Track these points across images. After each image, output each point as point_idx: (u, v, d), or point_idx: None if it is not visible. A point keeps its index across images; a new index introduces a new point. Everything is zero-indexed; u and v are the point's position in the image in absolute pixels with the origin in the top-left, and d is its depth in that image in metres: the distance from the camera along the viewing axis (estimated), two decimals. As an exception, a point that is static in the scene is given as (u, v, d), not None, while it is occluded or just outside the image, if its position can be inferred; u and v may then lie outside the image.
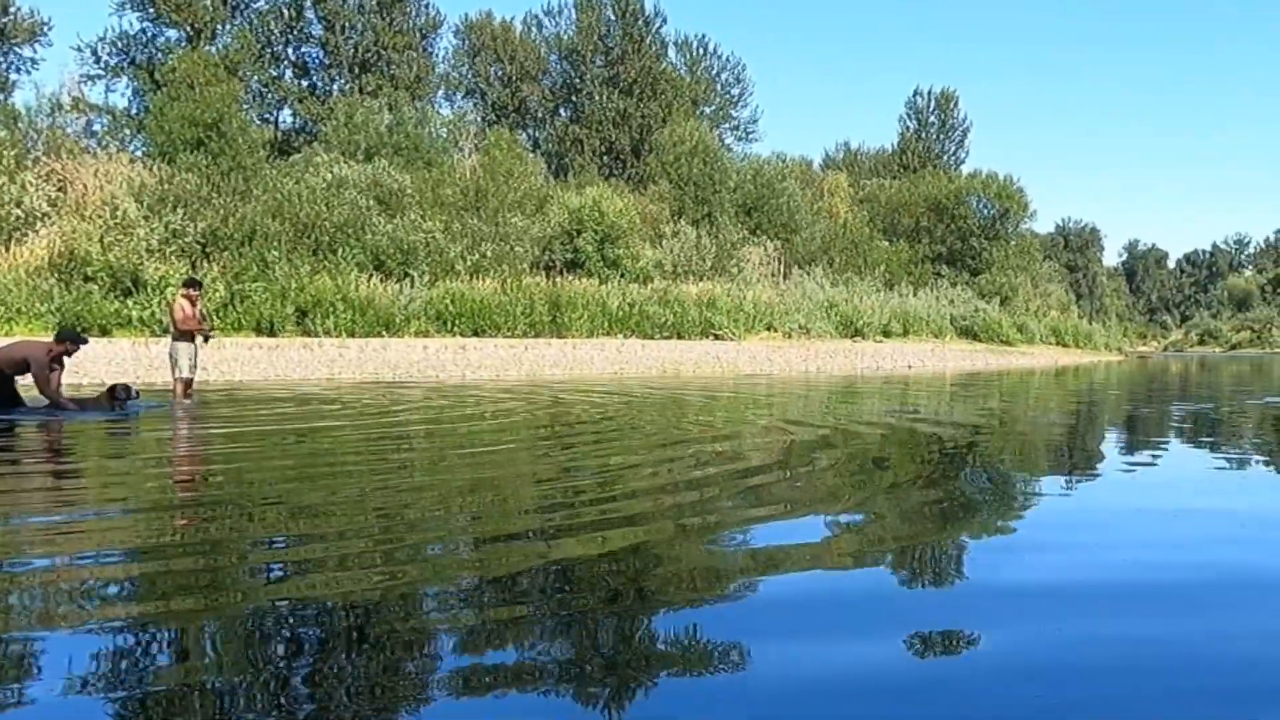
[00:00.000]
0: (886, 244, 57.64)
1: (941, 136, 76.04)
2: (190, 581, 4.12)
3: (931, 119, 76.30)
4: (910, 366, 33.12)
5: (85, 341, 13.65)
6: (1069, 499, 6.71)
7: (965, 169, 71.85)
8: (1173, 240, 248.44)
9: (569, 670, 3.16)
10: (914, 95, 76.98)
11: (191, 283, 15.88)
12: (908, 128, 77.30)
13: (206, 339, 15.79)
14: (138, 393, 13.81)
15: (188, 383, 14.93)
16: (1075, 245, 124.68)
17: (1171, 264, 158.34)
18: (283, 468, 7.77)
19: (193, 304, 15.22)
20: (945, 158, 75.21)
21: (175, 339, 14.97)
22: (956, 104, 76.32)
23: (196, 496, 6.50)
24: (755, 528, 5.35)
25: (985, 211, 61.26)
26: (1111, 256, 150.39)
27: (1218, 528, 5.71)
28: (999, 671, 3.25)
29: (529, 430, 10.76)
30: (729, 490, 6.52)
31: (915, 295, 50.81)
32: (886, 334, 45.44)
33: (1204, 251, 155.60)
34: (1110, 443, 10.98)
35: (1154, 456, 9.52)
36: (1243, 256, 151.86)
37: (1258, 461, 9.28)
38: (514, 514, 5.78)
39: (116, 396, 13.22)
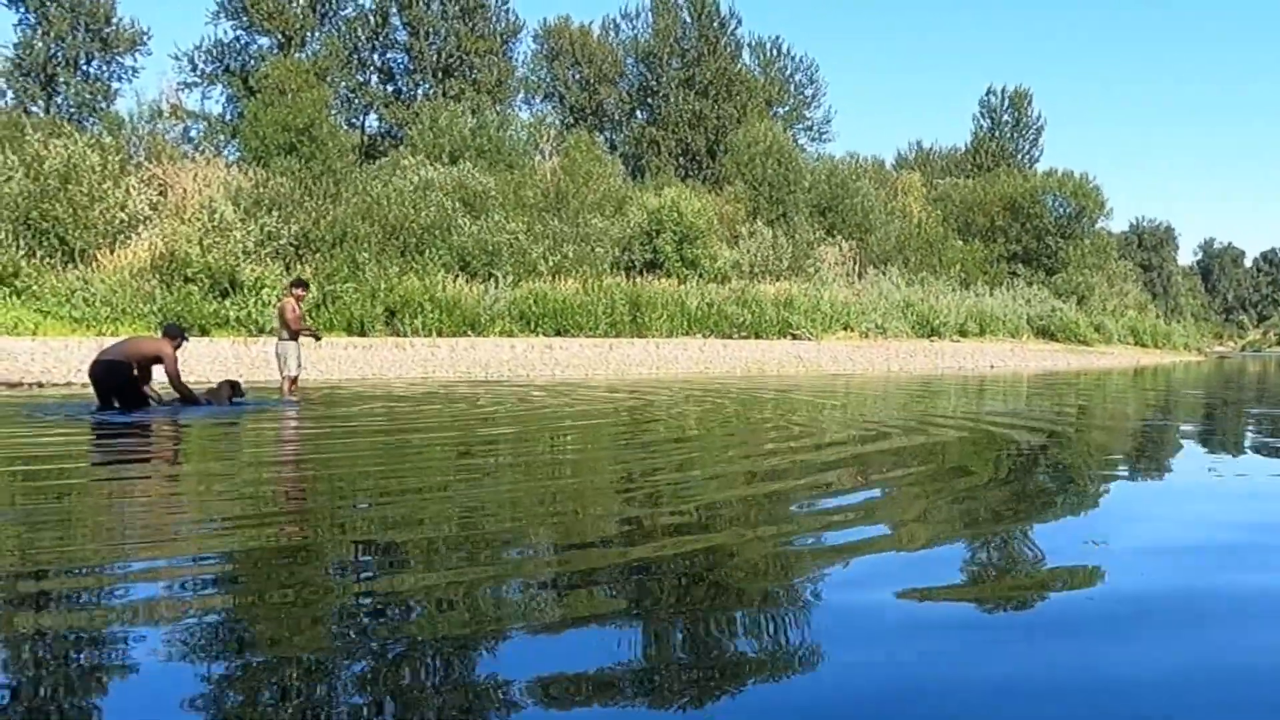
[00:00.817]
0: (961, 243, 56.84)
1: (1015, 135, 74.81)
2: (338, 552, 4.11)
3: (1005, 117, 75.09)
4: (992, 366, 32.60)
5: (187, 337, 14.10)
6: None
7: (1039, 167, 70.79)
8: (1249, 238, 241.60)
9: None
10: (987, 94, 75.90)
11: (299, 283, 16.11)
12: (981, 126, 76.17)
13: (317, 339, 16.06)
14: (245, 389, 14.32)
15: (294, 380, 15.18)
16: (1149, 244, 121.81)
17: (1248, 262, 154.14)
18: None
19: (299, 304, 15.48)
20: (1019, 156, 73.98)
21: (284, 338, 15.21)
22: (1030, 102, 75.06)
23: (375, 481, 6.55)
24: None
25: (1061, 210, 60.14)
26: (1186, 255, 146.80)
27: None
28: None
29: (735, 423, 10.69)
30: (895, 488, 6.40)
31: (991, 295, 50.02)
32: (963, 333, 44.80)
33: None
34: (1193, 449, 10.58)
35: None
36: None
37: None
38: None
39: (237, 391, 13.80)
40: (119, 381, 12.51)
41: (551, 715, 2.84)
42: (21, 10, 42.57)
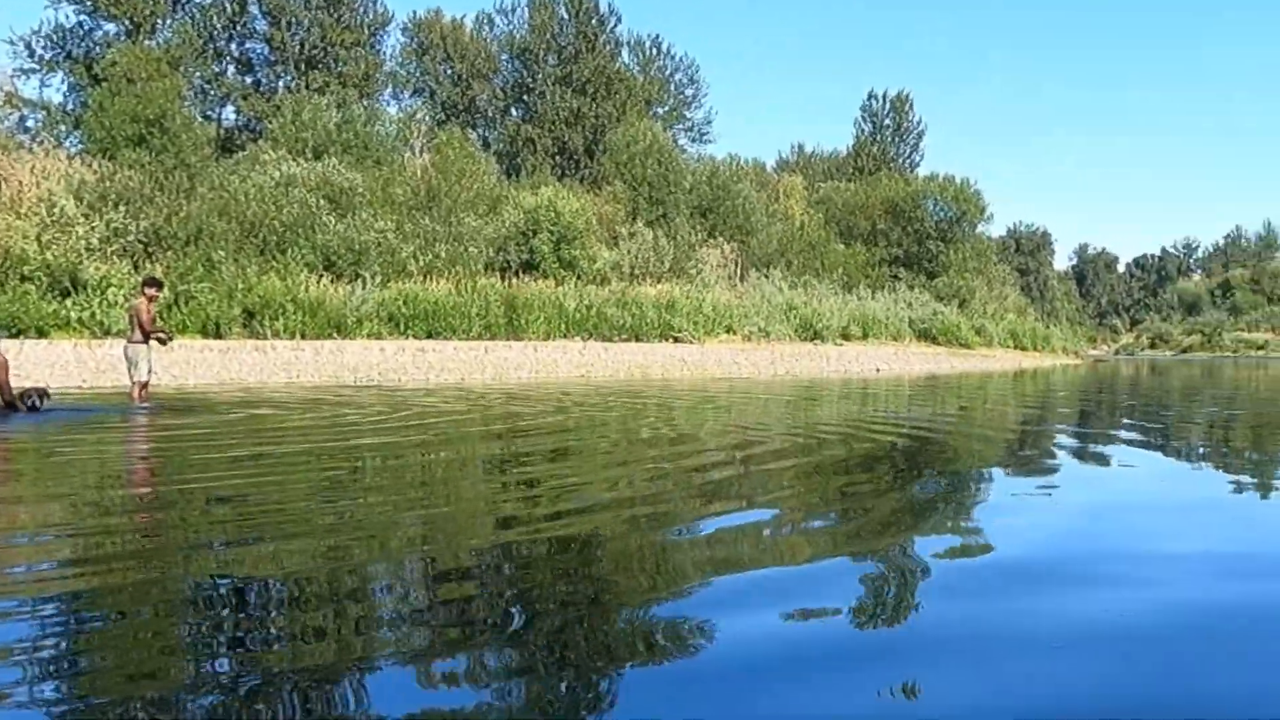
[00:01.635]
0: (843, 247, 57.84)
1: (896, 139, 76.72)
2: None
3: (886, 122, 76.95)
4: (878, 370, 33.16)
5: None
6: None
7: (920, 172, 72.67)
8: (1122, 244, 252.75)
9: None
10: (869, 98, 77.67)
11: (152, 282, 15.40)
12: (862, 130, 77.89)
13: (165, 342, 15.41)
14: (48, 395, 13.33)
15: (144, 385, 14.51)
16: (1026, 249, 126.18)
17: (1121, 268, 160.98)
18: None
19: (152, 305, 14.84)
20: (900, 161, 75.85)
21: (134, 340, 14.54)
22: (911, 106, 77.08)
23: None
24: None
25: (941, 214, 61.71)
26: (1062, 260, 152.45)
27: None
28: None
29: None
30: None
31: (873, 298, 50.97)
32: (845, 337, 45.48)
33: (1153, 256, 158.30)
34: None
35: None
36: (1191, 261, 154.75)
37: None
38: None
39: (27, 399, 12.84)
40: None
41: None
42: None
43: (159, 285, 15.80)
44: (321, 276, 31.12)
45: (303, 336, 28.30)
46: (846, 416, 13.63)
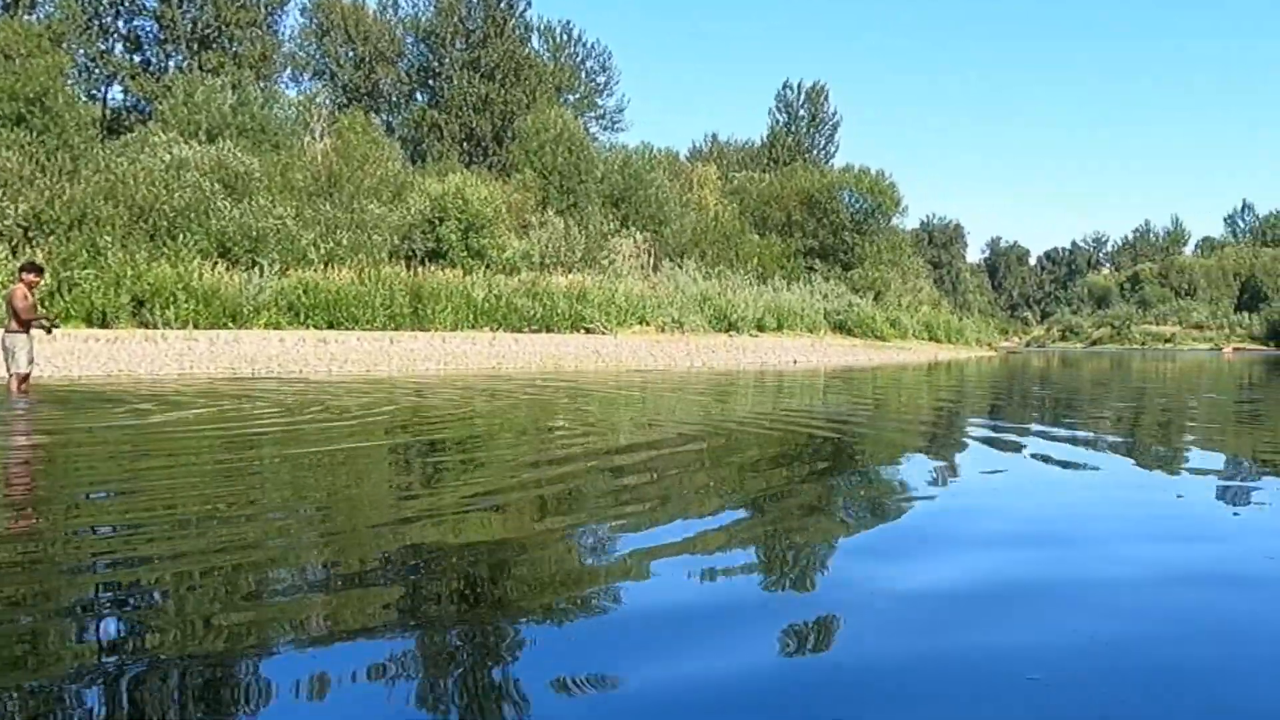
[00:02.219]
0: (758, 237, 58.10)
1: (812, 130, 77.42)
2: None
3: (801, 112, 77.60)
4: (795, 362, 33.24)
5: None
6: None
7: (835, 163, 73.40)
8: (1033, 238, 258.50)
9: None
10: (784, 88, 78.27)
11: (31, 267, 14.72)
12: (778, 121, 78.42)
13: (50, 330, 14.79)
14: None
15: (24, 378, 13.87)
16: (939, 241, 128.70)
17: (1032, 261, 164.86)
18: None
19: (33, 291, 14.20)
20: (815, 152, 76.57)
21: (12, 330, 13.89)
22: (827, 98, 77.89)
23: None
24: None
25: (857, 206, 62.34)
26: (974, 253, 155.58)
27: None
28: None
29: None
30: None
31: (789, 289, 51.26)
32: (761, 328, 45.66)
33: (1064, 249, 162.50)
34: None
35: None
36: (1101, 255, 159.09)
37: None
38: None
39: None
40: None
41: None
42: None
43: (39, 271, 15.14)
44: (216, 264, 30.27)
45: (196, 326, 27.49)
46: (762, 411, 13.54)
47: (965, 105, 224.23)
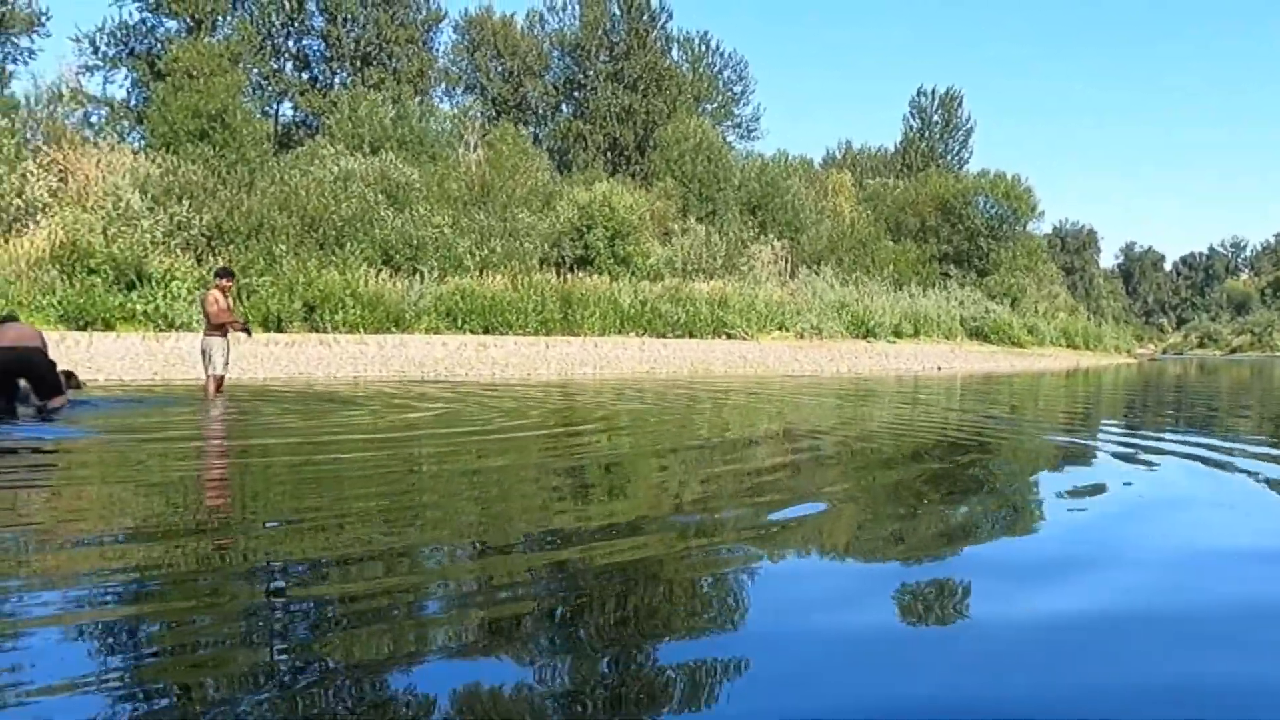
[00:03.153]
0: (892, 244, 57.18)
1: (945, 136, 75.77)
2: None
3: (935, 118, 76.02)
4: (939, 368, 32.64)
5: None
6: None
7: (968, 169, 71.78)
8: (1169, 243, 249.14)
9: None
10: (918, 94, 76.82)
11: (225, 273, 15.14)
12: (911, 127, 77.00)
13: (247, 333, 15.22)
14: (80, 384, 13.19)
15: (220, 380, 14.33)
16: (1072, 247, 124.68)
17: (1168, 266, 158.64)
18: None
19: (225, 295, 14.61)
20: (949, 158, 74.94)
21: (208, 333, 14.35)
22: (960, 104, 76.14)
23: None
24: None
25: (992, 211, 60.83)
26: (1108, 259, 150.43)
27: None
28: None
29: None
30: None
31: (924, 295, 50.33)
32: (897, 334, 44.93)
33: (1201, 254, 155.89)
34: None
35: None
36: (1239, 260, 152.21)
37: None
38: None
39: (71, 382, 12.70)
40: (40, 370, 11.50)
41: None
42: (-94, -13, 40.70)
43: (230, 275, 15.56)
44: (380, 271, 31.04)
45: (362, 330, 28.22)
46: (946, 418, 13.18)
47: (1097, 108, 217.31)
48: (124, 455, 7.75)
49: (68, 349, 19.19)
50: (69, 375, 12.75)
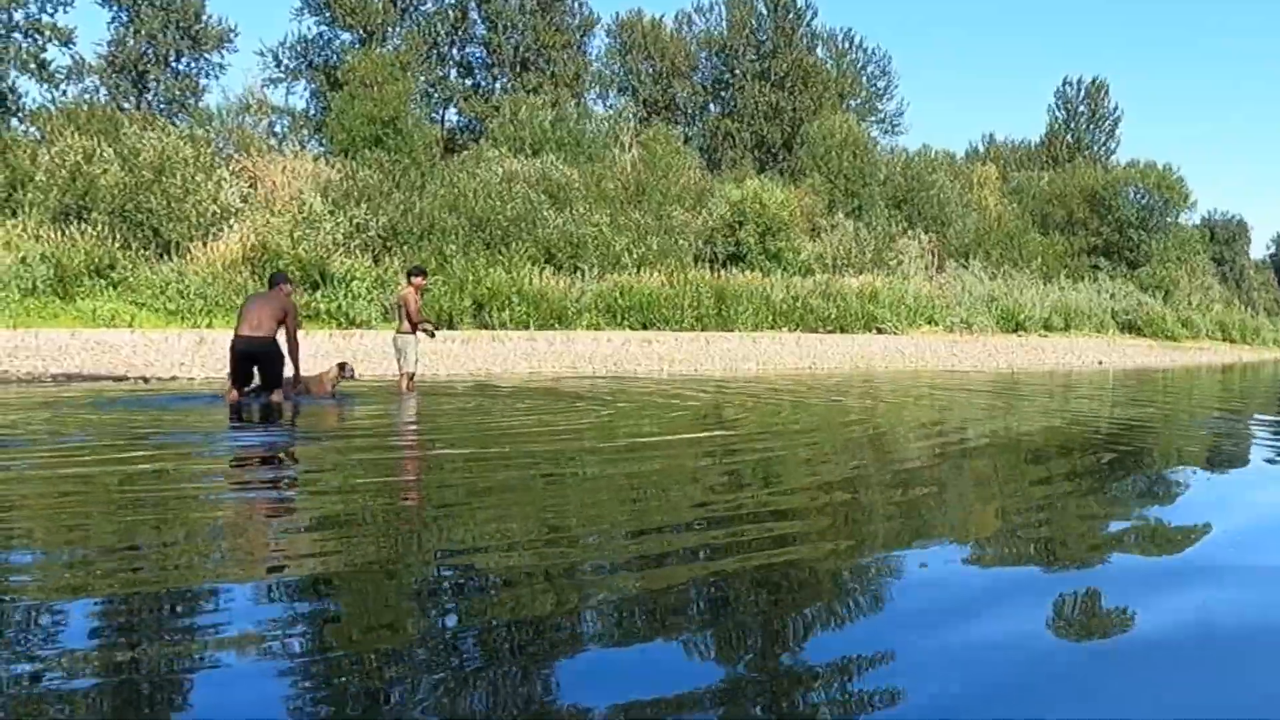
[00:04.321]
0: (1039, 236, 55.08)
1: (1091, 127, 72.68)
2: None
3: (1081, 109, 72.98)
4: (1100, 362, 31.19)
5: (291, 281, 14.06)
6: None
7: (1116, 160, 68.74)
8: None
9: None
10: (1063, 85, 73.75)
11: (418, 271, 15.16)
12: (1056, 118, 74.02)
13: (432, 334, 15.30)
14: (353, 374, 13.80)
15: (411, 377, 14.41)
16: (1222, 238, 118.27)
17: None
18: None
19: (418, 293, 14.68)
20: (1095, 148, 71.86)
21: (403, 331, 14.43)
22: (1107, 93, 72.88)
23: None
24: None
25: (1142, 202, 58.06)
26: (1259, 249, 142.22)
27: None
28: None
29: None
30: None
31: (1075, 289, 48.34)
32: (1048, 328, 43.26)
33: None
34: None
35: None
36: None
37: None
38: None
39: (343, 373, 13.39)
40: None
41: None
42: (115, 9, 42.55)
43: (424, 274, 15.56)
44: (543, 269, 31.18)
45: (527, 327, 28.37)
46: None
47: (1248, 96, 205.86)
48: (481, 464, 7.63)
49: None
50: (342, 366, 13.38)
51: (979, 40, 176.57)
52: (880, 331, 35.62)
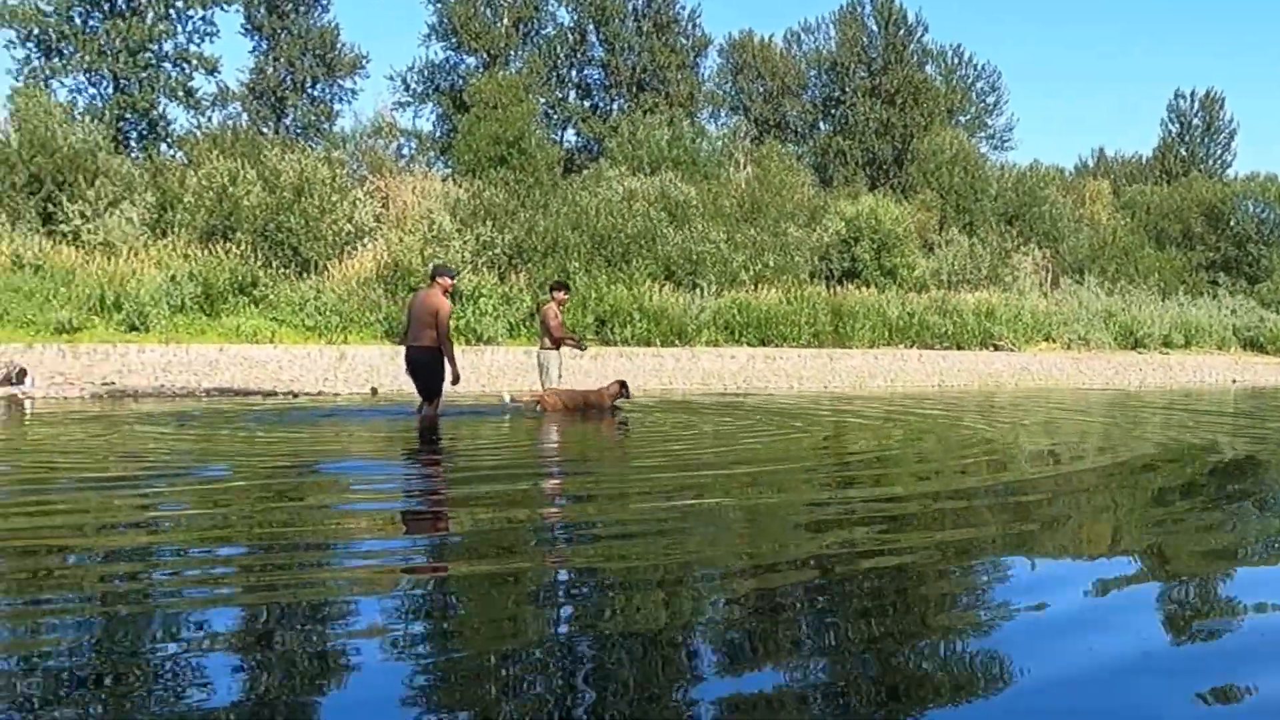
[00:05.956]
0: (1154, 251, 52.51)
1: (1206, 139, 69.32)
2: None
3: (1195, 121, 69.68)
4: (1235, 381, 29.31)
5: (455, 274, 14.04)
6: None
7: (1232, 173, 65.41)
8: None
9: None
10: (1175, 98, 70.53)
11: (560, 285, 14.66)
12: (1169, 131, 70.82)
13: (582, 348, 14.81)
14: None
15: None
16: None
17: None
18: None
19: (560, 309, 14.14)
20: (1210, 161, 68.51)
21: (545, 346, 13.88)
22: (1222, 105, 69.45)
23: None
24: None
25: (1263, 216, 54.93)
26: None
27: None
28: None
29: None
30: None
31: (1194, 304, 45.85)
32: (1167, 344, 41.01)
33: None
34: None
35: None
36: None
37: None
38: None
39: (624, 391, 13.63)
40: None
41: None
42: (256, 38, 43.37)
43: (565, 288, 15.02)
44: (663, 286, 30.54)
45: (648, 343, 27.73)
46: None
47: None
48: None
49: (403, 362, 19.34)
50: (623, 384, 13.13)
51: (1087, 54, 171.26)
52: (997, 348, 34.11)
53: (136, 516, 5.65)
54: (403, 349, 12.30)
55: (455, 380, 11.71)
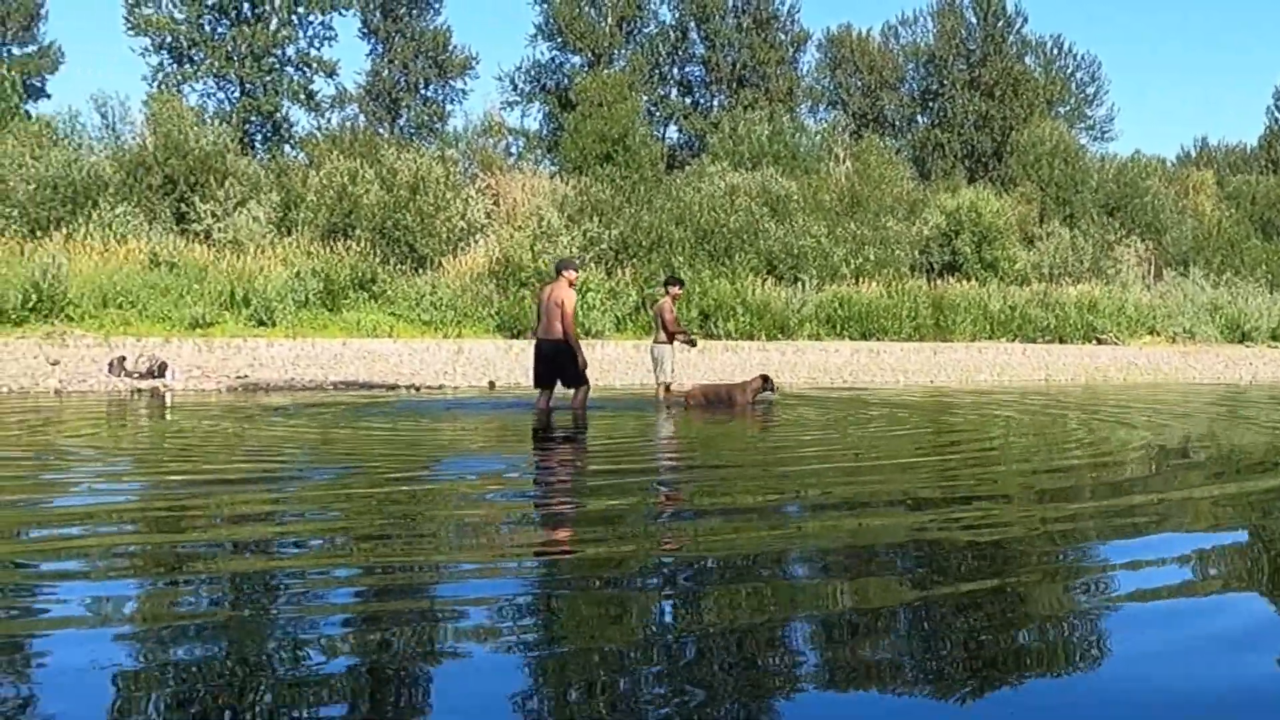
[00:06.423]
0: (1261, 243, 50.37)
1: (1315, 128, 66.19)
2: None
3: (1303, 110, 66.58)
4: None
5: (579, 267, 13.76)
6: None
7: (1343, 162, 62.28)
8: None
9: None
10: (1282, 86, 67.65)
11: (675, 280, 14.69)
12: (1275, 120, 67.86)
13: (692, 344, 14.82)
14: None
15: (668, 387, 13.88)
16: None
17: None
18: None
19: (674, 303, 14.13)
20: (1319, 151, 65.42)
21: (660, 340, 13.91)
22: (1332, 93, 66.21)
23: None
24: None
25: (1377, 207, 52.28)
26: None
27: None
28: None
29: None
30: None
31: (1305, 297, 43.80)
32: (1275, 338, 39.34)
33: None
34: None
35: None
36: None
37: None
38: None
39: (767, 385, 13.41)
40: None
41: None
42: (372, 42, 44.33)
43: (680, 283, 15.02)
44: (765, 280, 30.38)
45: (750, 338, 27.61)
46: None
47: None
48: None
49: (516, 356, 19.65)
50: (765, 379, 13.26)
51: (1188, 43, 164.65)
52: (1100, 342, 33.13)
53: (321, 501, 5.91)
54: (533, 342, 12.50)
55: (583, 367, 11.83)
